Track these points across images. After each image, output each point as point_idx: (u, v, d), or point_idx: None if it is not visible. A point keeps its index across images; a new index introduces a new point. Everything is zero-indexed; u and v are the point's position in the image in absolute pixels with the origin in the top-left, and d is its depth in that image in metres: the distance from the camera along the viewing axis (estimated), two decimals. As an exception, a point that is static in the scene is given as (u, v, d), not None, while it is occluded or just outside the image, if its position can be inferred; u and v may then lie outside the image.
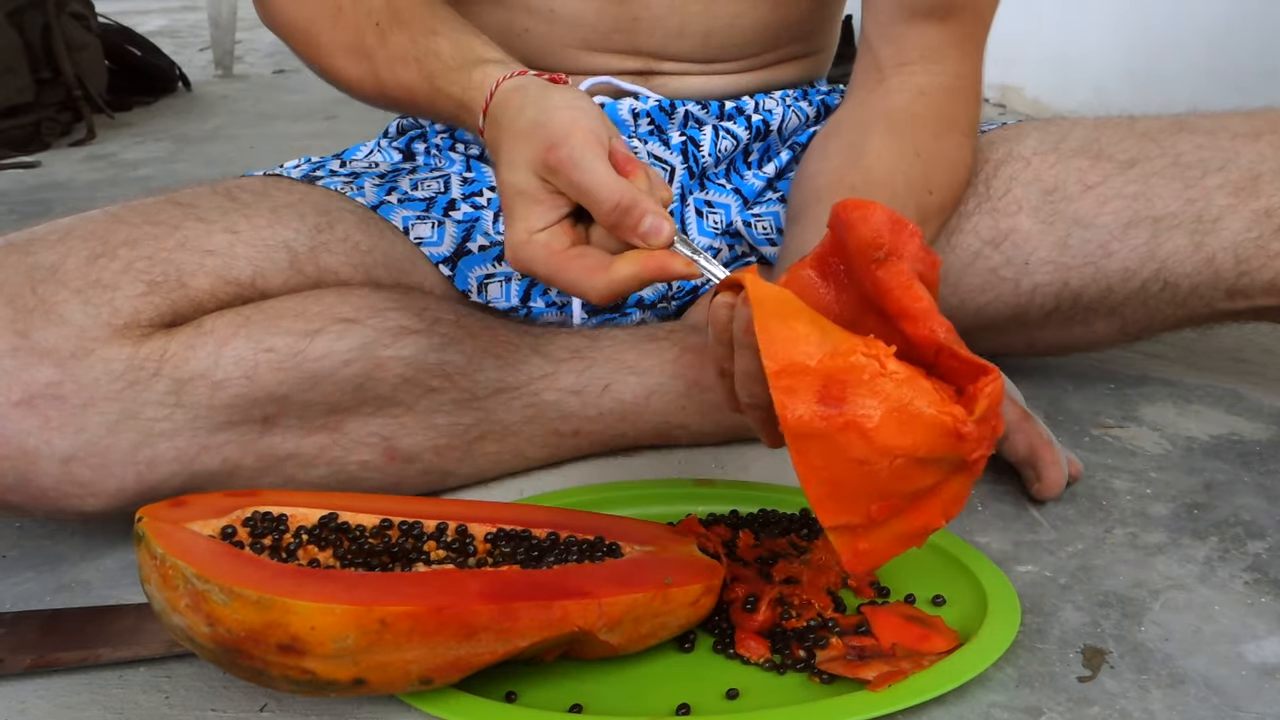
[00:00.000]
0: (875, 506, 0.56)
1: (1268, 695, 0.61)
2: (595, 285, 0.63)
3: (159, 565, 0.55)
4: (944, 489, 0.57)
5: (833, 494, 0.56)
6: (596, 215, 0.64)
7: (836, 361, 0.55)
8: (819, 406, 0.54)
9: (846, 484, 0.55)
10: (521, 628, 0.57)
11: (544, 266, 0.65)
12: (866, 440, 0.54)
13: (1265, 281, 0.83)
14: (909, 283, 0.59)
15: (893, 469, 0.55)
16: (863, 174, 0.79)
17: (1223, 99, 0.98)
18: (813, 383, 0.55)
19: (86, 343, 0.70)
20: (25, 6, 2.21)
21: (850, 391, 0.55)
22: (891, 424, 0.54)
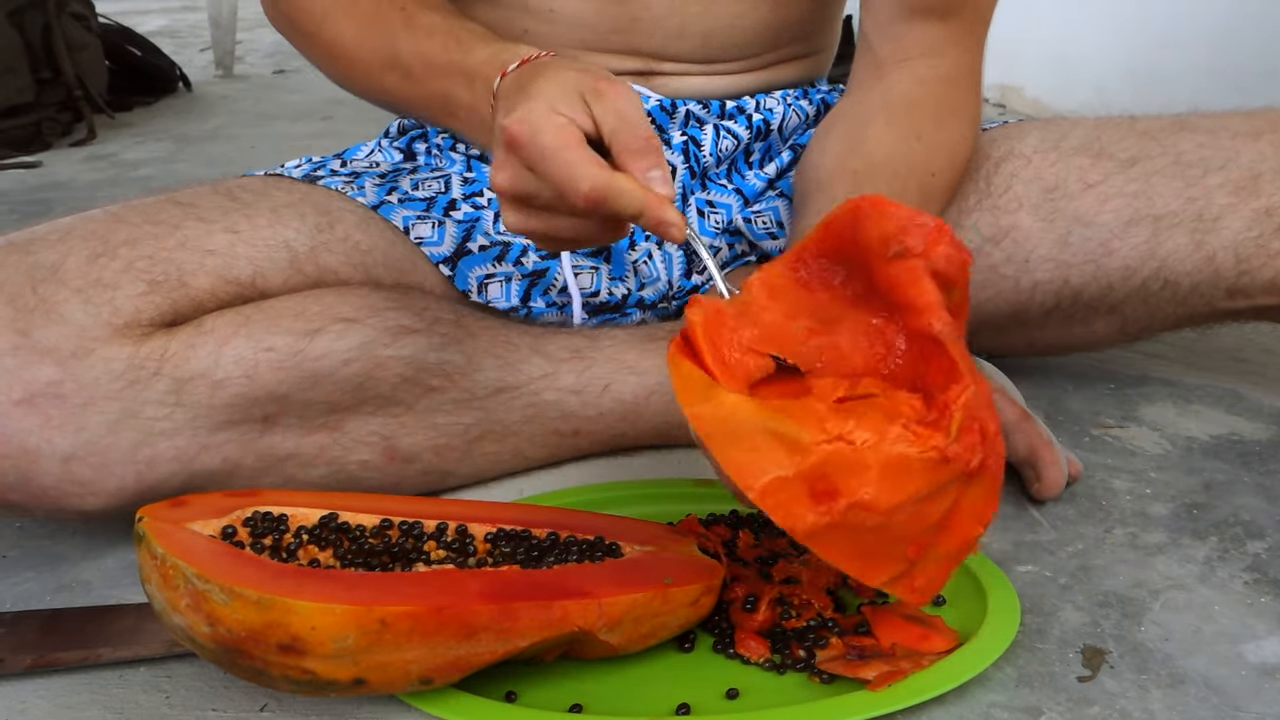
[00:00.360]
0: (910, 550, 0.57)
1: (1267, 695, 0.61)
2: (588, 174, 0.61)
3: (159, 565, 0.55)
4: (965, 502, 0.58)
5: (867, 561, 0.57)
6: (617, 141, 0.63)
7: (810, 460, 0.55)
8: (817, 507, 0.55)
9: (874, 548, 0.57)
10: (521, 628, 0.57)
11: (550, 140, 0.62)
12: (872, 511, 0.55)
13: (1265, 280, 0.83)
14: (916, 277, 0.59)
15: (907, 517, 0.56)
16: (864, 159, 0.79)
17: (1223, 99, 0.98)
18: (799, 489, 0.55)
19: (87, 342, 0.70)
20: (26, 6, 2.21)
21: (837, 481, 0.55)
22: (887, 487, 0.55)
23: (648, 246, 0.89)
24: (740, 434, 0.56)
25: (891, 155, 0.79)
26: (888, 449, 0.55)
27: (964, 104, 0.85)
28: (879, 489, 0.55)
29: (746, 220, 0.92)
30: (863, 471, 0.55)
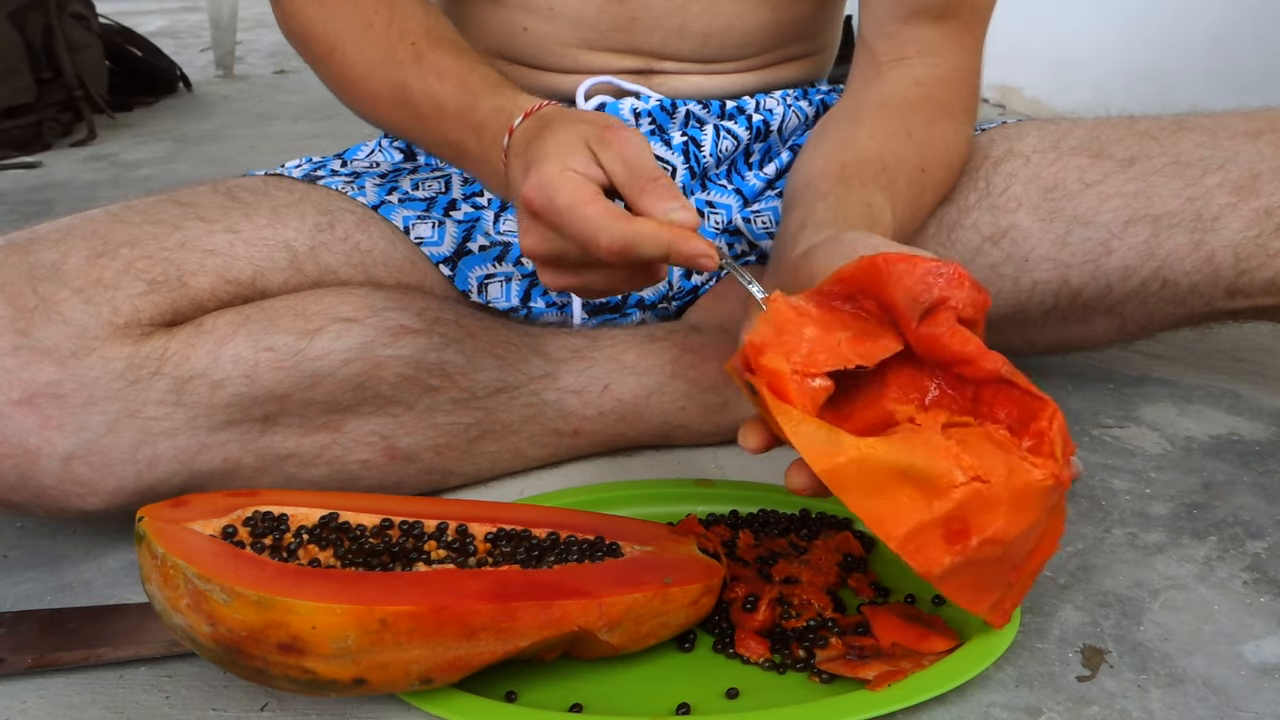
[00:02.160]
0: (1012, 575, 0.59)
1: (1266, 695, 0.61)
2: (609, 230, 0.61)
3: (160, 565, 0.55)
4: (1050, 524, 0.60)
5: (978, 591, 0.58)
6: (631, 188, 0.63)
7: (945, 504, 0.55)
8: (951, 547, 0.56)
9: (987, 578, 0.58)
10: (521, 627, 0.57)
11: (566, 199, 0.62)
12: (1000, 544, 0.56)
13: (1265, 280, 0.83)
14: (954, 329, 0.60)
15: (1022, 544, 0.57)
16: (854, 153, 0.79)
17: (1222, 99, 0.98)
18: (935, 532, 0.56)
19: (87, 342, 0.70)
20: (27, 7, 2.21)
21: (970, 521, 0.56)
22: (1014, 518, 0.56)
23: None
24: (875, 481, 0.56)
25: (881, 151, 0.79)
26: (1017, 481, 0.56)
27: (959, 103, 0.85)
28: (1007, 522, 0.56)
29: (746, 220, 0.92)
30: (995, 507, 0.56)
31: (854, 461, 0.55)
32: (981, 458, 0.56)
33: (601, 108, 0.88)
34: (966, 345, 0.60)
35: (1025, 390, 0.59)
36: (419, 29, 0.78)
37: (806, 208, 0.75)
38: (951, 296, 0.60)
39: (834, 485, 0.56)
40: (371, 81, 0.80)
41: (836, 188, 0.76)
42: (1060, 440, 0.57)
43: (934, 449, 0.56)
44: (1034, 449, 0.57)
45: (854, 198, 0.75)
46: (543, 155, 0.64)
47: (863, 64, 0.87)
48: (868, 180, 0.77)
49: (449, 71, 0.75)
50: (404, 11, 0.79)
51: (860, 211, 0.73)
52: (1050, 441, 0.57)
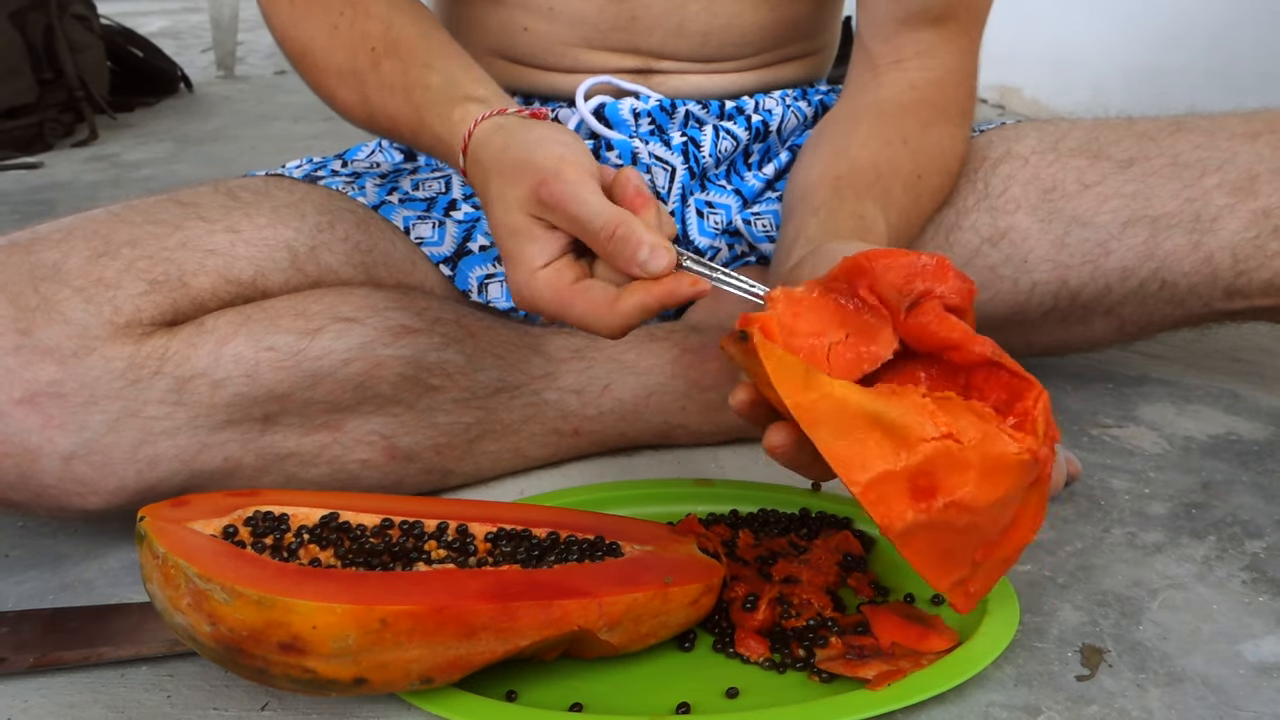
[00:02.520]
0: (979, 553, 0.58)
1: (1265, 694, 0.61)
2: (605, 321, 0.63)
3: (161, 564, 0.55)
4: (1025, 509, 0.59)
5: (941, 562, 0.57)
6: (593, 246, 0.63)
7: (915, 456, 0.55)
8: (916, 504, 0.55)
9: (953, 549, 0.57)
10: (521, 627, 0.57)
11: (551, 304, 0.64)
12: (968, 511, 0.56)
13: (1263, 281, 0.83)
14: (940, 317, 0.60)
15: (992, 518, 0.57)
16: (849, 163, 0.79)
17: (1221, 100, 0.98)
18: (901, 485, 0.55)
19: (88, 341, 0.70)
20: (28, 8, 2.21)
21: (939, 479, 0.55)
22: (984, 487, 0.55)
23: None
24: (847, 424, 0.55)
25: (875, 159, 0.80)
26: (990, 448, 0.55)
27: (956, 105, 0.85)
28: (977, 488, 0.55)
29: (746, 221, 0.92)
30: (965, 470, 0.55)
31: (827, 398, 0.55)
32: (958, 420, 0.55)
33: (601, 107, 0.88)
34: (953, 331, 0.59)
35: (1013, 372, 0.58)
36: (379, 29, 0.77)
37: (800, 221, 0.75)
38: (935, 287, 0.60)
39: (805, 421, 0.55)
40: (341, 87, 0.80)
41: (830, 200, 0.76)
42: (1042, 419, 0.57)
43: (910, 403, 0.56)
44: (1017, 426, 0.57)
45: (847, 210, 0.75)
46: (506, 256, 0.66)
47: (860, 66, 0.88)
48: (861, 191, 0.77)
49: (398, 84, 0.75)
50: (366, 9, 0.78)
51: (853, 224, 0.74)
52: (1033, 420, 0.57)
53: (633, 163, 0.87)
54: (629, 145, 0.87)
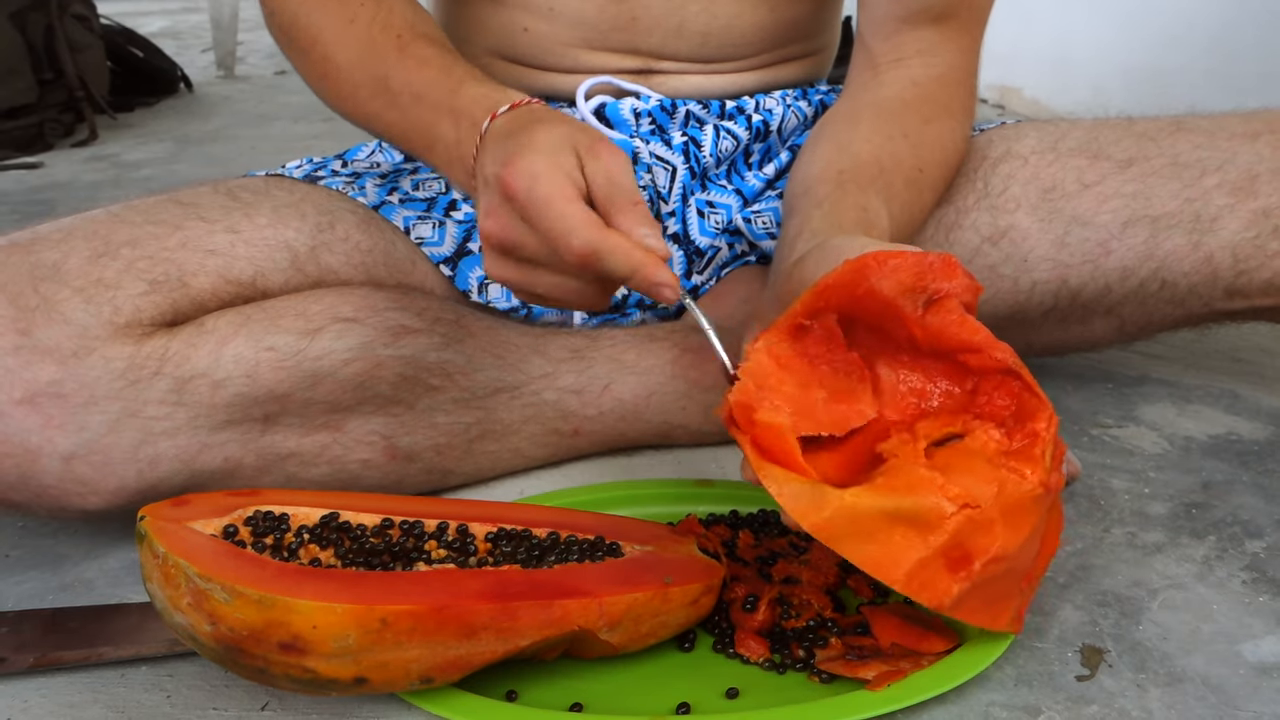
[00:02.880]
0: (1024, 583, 0.60)
1: (1265, 694, 0.61)
2: (586, 233, 0.60)
3: (161, 564, 0.55)
4: (1051, 525, 0.60)
5: (994, 608, 0.59)
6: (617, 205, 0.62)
7: (940, 537, 0.56)
8: (957, 575, 0.56)
9: (1000, 593, 0.59)
10: (522, 627, 0.57)
11: (549, 188, 0.61)
12: (1004, 560, 0.57)
13: (1263, 281, 0.83)
14: (962, 318, 0.60)
15: (1025, 554, 0.58)
16: (851, 157, 0.79)
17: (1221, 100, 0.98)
18: (938, 565, 0.56)
19: (88, 341, 0.70)
20: (28, 8, 2.21)
21: (969, 546, 0.56)
22: (1011, 533, 0.57)
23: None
24: (868, 530, 0.56)
25: (877, 153, 0.80)
26: (1007, 497, 0.56)
27: (956, 103, 0.86)
28: (1006, 539, 0.56)
29: (746, 220, 0.92)
30: (990, 527, 0.56)
31: (840, 513, 0.56)
32: (968, 481, 0.56)
33: (602, 107, 0.88)
34: (976, 334, 0.60)
35: (1027, 386, 0.59)
36: (403, 23, 0.78)
37: (803, 215, 0.75)
38: (948, 286, 0.60)
39: (826, 539, 0.56)
40: (354, 72, 0.79)
41: (833, 193, 0.76)
42: (1051, 446, 0.58)
43: (918, 485, 0.56)
44: (1024, 450, 0.57)
45: (850, 203, 0.75)
46: (530, 145, 0.63)
47: (860, 65, 0.88)
48: (864, 184, 0.77)
49: (432, 60, 0.75)
50: (389, 5, 0.79)
51: (856, 216, 0.74)
52: (1042, 444, 0.57)
53: (634, 162, 0.87)
54: (630, 145, 0.87)
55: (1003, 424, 0.59)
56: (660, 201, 0.88)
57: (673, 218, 0.89)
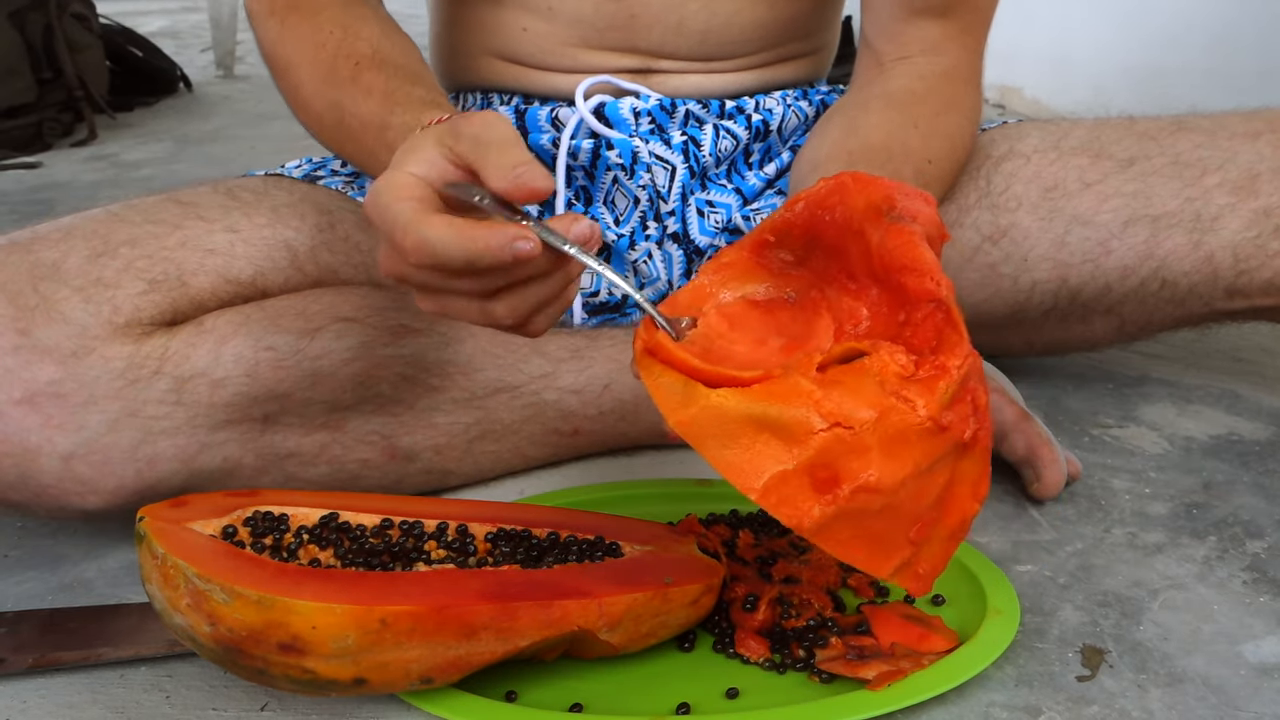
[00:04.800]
0: (914, 531, 0.55)
1: (1266, 694, 0.61)
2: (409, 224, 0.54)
3: (160, 565, 0.55)
4: (961, 479, 0.56)
5: (874, 550, 0.55)
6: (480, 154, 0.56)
7: (807, 451, 0.52)
8: (821, 497, 0.53)
9: (879, 533, 0.54)
10: (521, 627, 0.57)
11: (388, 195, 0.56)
12: (877, 491, 0.53)
13: (1264, 281, 0.83)
14: (915, 241, 0.57)
15: (909, 494, 0.54)
16: (860, 141, 0.79)
17: (1221, 99, 0.98)
18: (800, 482, 0.53)
19: (88, 341, 0.70)
20: (27, 7, 2.21)
21: (838, 467, 0.53)
22: (889, 465, 0.53)
23: (647, 246, 0.89)
24: (730, 432, 0.53)
25: (888, 140, 0.79)
26: (887, 424, 0.52)
27: (964, 99, 0.86)
28: (881, 468, 0.52)
29: (746, 219, 0.92)
30: (864, 453, 0.52)
31: (706, 411, 0.53)
32: (849, 401, 0.53)
33: (601, 107, 0.88)
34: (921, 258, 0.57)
35: (951, 320, 0.55)
36: (367, 49, 0.76)
37: None
38: (916, 210, 0.59)
39: (690, 437, 0.53)
40: (316, 100, 0.77)
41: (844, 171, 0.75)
42: (957, 386, 0.53)
43: (791, 395, 0.53)
44: (926, 381, 0.54)
45: None
46: (393, 161, 0.59)
47: (866, 63, 0.88)
48: (875, 168, 0.76)
49: (376, 89, 0.72)
50: (357, 32, 0.77)
51: None
52: (949, 380, 0.53)
53: (633, 162, 0.87)
54: (629, 144, 0.87)
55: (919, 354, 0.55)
56: (660, 201, 0.88)
57: (672, 217, 0.89)
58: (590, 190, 0.89)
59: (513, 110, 0.90)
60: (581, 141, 0.87)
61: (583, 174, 0.88)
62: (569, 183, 0.89)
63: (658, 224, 0.89)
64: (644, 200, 0.87)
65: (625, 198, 0.88)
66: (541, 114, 0.89)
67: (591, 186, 0.89)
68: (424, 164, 0.58)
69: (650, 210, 0.88)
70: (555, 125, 0.89)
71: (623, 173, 0.87)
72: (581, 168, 0.88)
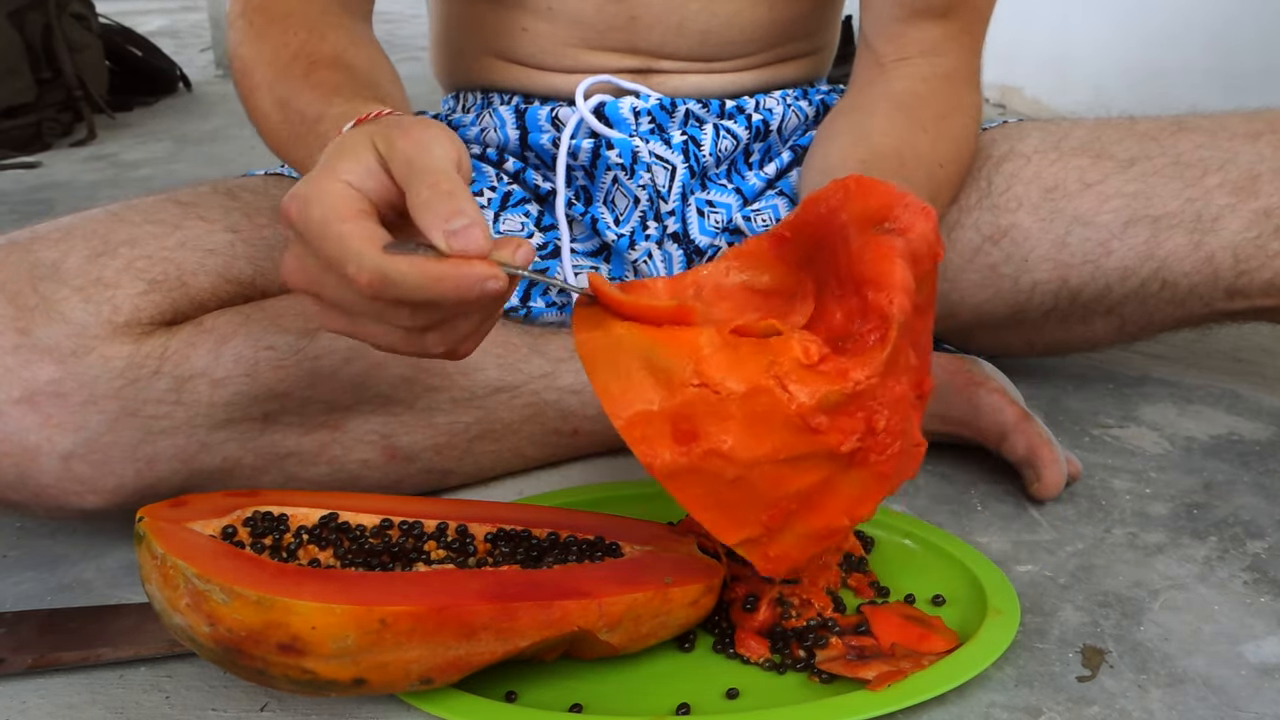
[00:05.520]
0: (766, 515, 0.56)
1: (1267, 695, 0.61)
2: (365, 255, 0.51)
3: (160, 565, 0.55)
4: (837, 488, 0.57)
5: (722, 515, 0.56)
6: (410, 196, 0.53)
7: (675, 399, 0.55)
8: (676, 446, 0.55)
9: (731, 502, 0.56)
10: (521, 627, 0.57)
11: (323, 209, 0.52)
12: (730, 461, 0.55)
13: (1264, 281, 0.83)
14: (887, 255, 0.57)
15: (765, 477, 0.55)
16: (870, 148, 0.79)
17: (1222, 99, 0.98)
18: (662, 425, 0.55)
19: (87, 340, 0.70)
20: (26, 7, 2.21)
21: (699, 423, 0.55)
22: (745, 438, 0.54)
23: (647, 246, 0.89)
24: (618, 361, 0.56)
25: (899, 146, 0.79)
26: (755, 402, 0.54)
27: (966, 100, 0.85)
28: (738, 440, 0.54)
29: (746, 219, 0.92)
30: (725, 420, 0.54)
31: (606, 336, 0.56)
32: (729, 368, 0.54)
33: (601, 106, 0.88)
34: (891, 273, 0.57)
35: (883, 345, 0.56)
36: (329, 51, 0.72)
37: None
38: (913, 226, 0.59)
39: (583, 357, 0.56)
40: (265, 100, 0.73)
41: None
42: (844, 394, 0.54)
43: (683, 346, 0.55)
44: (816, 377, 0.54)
45: None
46: (323, 159, 0.55)
47: (866, 64, 0.87)
48: (888, 174, 0.76)
49: (324, 83, 0.68)
50: (323, 35, 0.74)
51: None
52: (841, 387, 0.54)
53: (633, 161, 0.87)
54: (629, 144, 0.87)
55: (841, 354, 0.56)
56: (660, 201, 0.88)
57: (672, 217, 0.89)
58: (590, 190, 0.89)
59: (513, 110, 0.90)
60: (581, 141, 0.87)
61: (583, 174, 0.88)
62: (569, 182, 0.89)
63: (658, 224, 0.88)
64: (644, 200, 0.87)
65: (625, 197, 0.88)
66: (541, 114, 0.89)
67: (591, 186, 0.89)
68: (358, 172, 0.54)
69: (650, 210, 0.88)
70: (555, 125, 0.89)
71: (623, 172, 0.87)
72: (581, 167, 0.88)
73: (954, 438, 0.85)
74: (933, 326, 0.62)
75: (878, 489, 0.57)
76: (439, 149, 0.54)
